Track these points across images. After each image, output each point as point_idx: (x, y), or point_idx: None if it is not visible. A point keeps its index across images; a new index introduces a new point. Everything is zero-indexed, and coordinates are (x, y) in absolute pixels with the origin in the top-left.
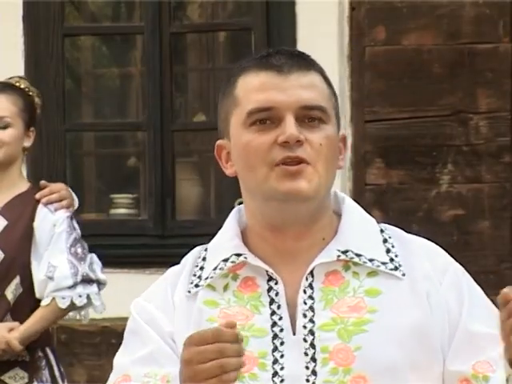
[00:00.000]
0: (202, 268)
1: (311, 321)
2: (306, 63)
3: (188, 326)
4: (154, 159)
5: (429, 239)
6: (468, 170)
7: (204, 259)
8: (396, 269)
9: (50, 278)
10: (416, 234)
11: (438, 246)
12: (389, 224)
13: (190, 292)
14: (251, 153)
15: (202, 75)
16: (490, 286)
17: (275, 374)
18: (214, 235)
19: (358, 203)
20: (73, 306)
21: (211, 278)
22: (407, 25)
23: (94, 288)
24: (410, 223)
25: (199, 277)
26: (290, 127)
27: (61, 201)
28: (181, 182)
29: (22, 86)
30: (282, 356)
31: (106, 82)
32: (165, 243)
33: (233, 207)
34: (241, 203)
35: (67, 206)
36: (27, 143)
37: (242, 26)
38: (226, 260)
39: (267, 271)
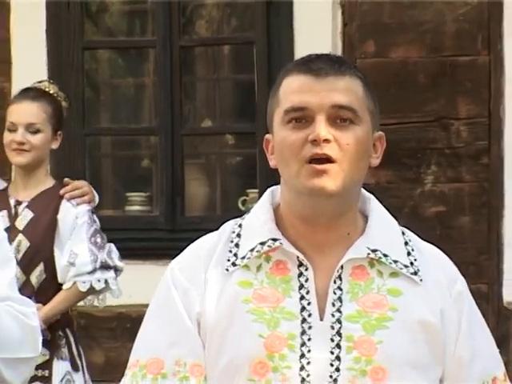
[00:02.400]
0: (237, 245)
1: (338, 310)
2: (341, 68)
3: (218, 304)
4: (165, 161)
5: (415, 233)
6: (449, 170)
7: (239, 236)
8: (415, 273)
9: (72, 264)
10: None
11: (446, 257)
12: None
13: (227, 270)
14: (286, 148)
15: (209, 84)
16: (471, 276)
17: (302, 355)
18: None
19: None
20: (92, 290)
21: (248, 258)
22: (394, 39)
23: (111, 273)
24: (397, 219)
25: (235, 254)
26: (319, 127)
27: (83, 196)
28: (189, 182)
29: (51, 92)
30: (309, 339)
31: (122, 91)
32: (175, 237)
33: (236, 205)
34: (244, 201)
35: (88, 200)
36: (55, 146)
37: (245, 40)
38: (262, 243)
39: (298, 257)
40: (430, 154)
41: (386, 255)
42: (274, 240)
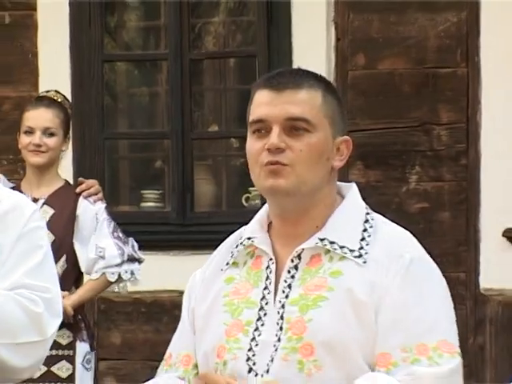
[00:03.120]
0: (237, 246)
1: (286, 296)
2: (299, 82)
3: (207, 300)
4: (176, 162)
5: (404, 227)
6: (431, 170)
7: (241, 238)
8: (360, 256)
9: (102, 257)
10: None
11: (406, 237)
12: None
13: (222, 270)
14: (250, 156)
15: (215, 93)
16: (450, 265)
17: (253, 338)
18: (225, 224)
19: None
20: (120, 280)
21: (235, 257)
22: (382, 53)
23: (136, 265)
24: (384, 214)
25: (232, 255)
26: (273, 137)
27: (96, 194)
28: (198, 181)
29: (59, 100)
30: (262, 324)
31: (137, 99)
32: (185, 230)
33: (240, 201)
34: (247, 198)
35: (101, 198)
36: (65, 148)
37: (248, 53)
38: (242, 243)
39: (268, 252)
40: (414, 155)
41: (332, 242)
42: (249, 238)
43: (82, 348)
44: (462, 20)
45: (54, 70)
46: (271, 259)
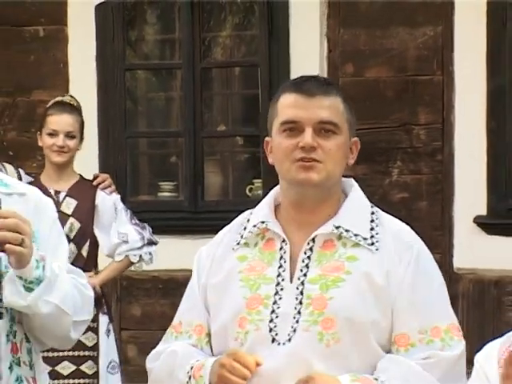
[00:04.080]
0: (245, 228)
1: (305, 275)
2: (327, 89)
3: (220, 273)
4: (188, 157)
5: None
6: (411, 165)
7: (248, 221)
8: (372, 244)
9: (125, 242)
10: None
11: (409, 230)
12: None
13: (233, 249)
14: (280, 151)
15: (223, 98)
16: (428, 247)
17: (273, 311)
18: (231, 211)
19: None
20: (140, 261)
21: (245, 238)
22: (368, 62)
23: (153, 248)
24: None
25: (242, 236)
26: (307, 137)
27: (110, 186)
28: (208, 174)
29: (75, 104)
30: (280, 298)
31: (155, 103)
32: (196, 217)
33: (244, 191)
34: (251, 189)
35: (115, 189)
36: (79, 148)
37: (251, 63)
38: (255, 225)
39: (281, 235)
40: (396, 152)
41: (347, 230)
42: (263, 222)
43: (104, 320)
44: (438, 34)
45: (82, 78)
46: (284, 241)
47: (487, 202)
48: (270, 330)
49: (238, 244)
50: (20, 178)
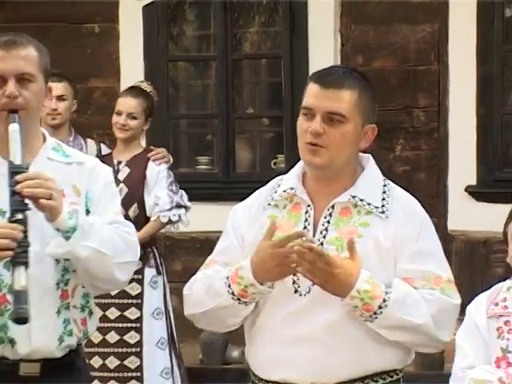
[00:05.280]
0: (276, 191)
1: (324, 237)
2: (343, 83)
3: (255, 229)
4: (222, 136)
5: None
6: (412, 142)
7: (279, 186)
8: (383, 212)
9: (157, 204)
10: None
11: (416, 202)
12: None
13: (264, 208)
14: (299, 130)
15: (251, 85)
16: (426, 212)
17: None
18: (258, 182)
19: None
20: (170, 221)
21: (276, 200)
22: (375, 55)
23: (182, 211)
24: None
25: (272, 198)
26: (315, 124)
27: (163, 158)
28: (238, 150)
29: (148, 90)
30: None
31: (194, 89)
32: (228, 187)
33: (270, 165)
34: (275, 163)
35: (166, 161)
36: (146, 127)
37: (276, 55)
38: (285, 190)
39: (307, 201)
40: (399, 131)
41: (362, 199)
42: (292, 189)
43: (150, 272)
44: (435, 30)
45: (132, 68)
46: (309, 205)
47: (476, 173)
48: (294, 282)
49: (269, 205)
50: (100, 151)
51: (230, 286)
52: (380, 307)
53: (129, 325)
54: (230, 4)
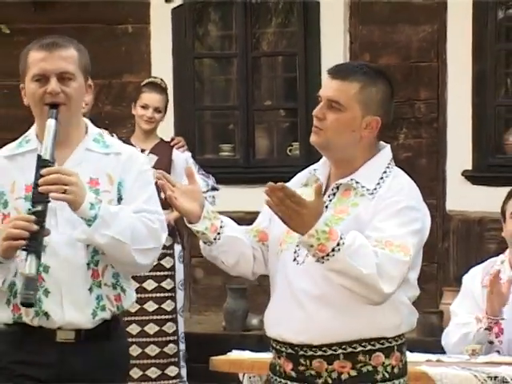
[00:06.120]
0: (310, 173)
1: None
2: (347, 75)
3: None
4: (243, 125)
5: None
6: (414, 131)
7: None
8: (371, 194)
9: None
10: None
11: (407, 191)
12: None
13: (299, 187)
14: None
15: (269, 80)
16: (426, 195)
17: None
18: (275, 166)
19: None
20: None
21: (307, 179)
22: (381, 52)
23: (216, 192)
24: None
25: (305, 179)
26: (317, 109)
27: (183, 146)
28: (258, 138)
29: (163, 86)
30: None
31: (217, 84)
32: (249, 171)
33: (286, 152)
34: (290, 150)
35: (187, 149)
36: (163, 119)
37: (291, 53)
38: (310, 172)
39: (321, 180)
40: (402, 121)
41: (357, 182)
42: (315, 169)
43: (178, 248)
44: (435, 30)
45: (162, 65)
46: (326, 184)
47: (472, 159)
48: (295, 251)
49: (301, 184)
50: None
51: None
52: (333, 250)
53: (166, 294)
54: (250, 7)
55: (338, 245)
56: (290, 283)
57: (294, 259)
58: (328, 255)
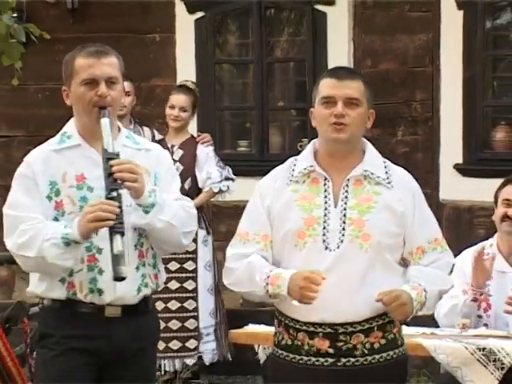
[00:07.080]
0: (293, 170)
1: (345, 203)
2: (353, 76)
3: (280, 201)
4: (258, 124)
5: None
6: (411, 128)
7: (295, 165)
8: (389, 183)
9: (209, 178)
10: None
11: (408, 174)
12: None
13: (287, 184)
14: (321, 117)
15: (282, 83)
16: (422, 185)
17: (324, 227)
18: (285, 160)
19: None
20: (220, 191)
21: (296, 176)
22: (381, 58)
23: (230, 182)
24: (383, 156)
25: (292, 175)
26: (339, 108)
27: (208, 141)
28: (271, 135)
29: (192, 88)
30: (328, 219)
31: (235, 86)
32: (263, 165)
33: (297, 147)
34: (301, 146)
35: (211, 144)
36: (192, 118)
37: (301, 59)
38: (305, 168)
39: (324, 175)
40: (400, 120)
41: (372, 173)
42: (311, 166)
43: (201, 233)
44: (429, 38)
45: (186, 70)
46: (326, 179)
47: (463, 154)
48: (324, 240)
49: (291, 181)
50: (154, 136)
51: (267, 283)
52: (425, 297)
53: (188, 275)
54: (265, 17)
55: (425, 291)
56: (330, 269)
57: (326, 248)
58: (425, 303)
